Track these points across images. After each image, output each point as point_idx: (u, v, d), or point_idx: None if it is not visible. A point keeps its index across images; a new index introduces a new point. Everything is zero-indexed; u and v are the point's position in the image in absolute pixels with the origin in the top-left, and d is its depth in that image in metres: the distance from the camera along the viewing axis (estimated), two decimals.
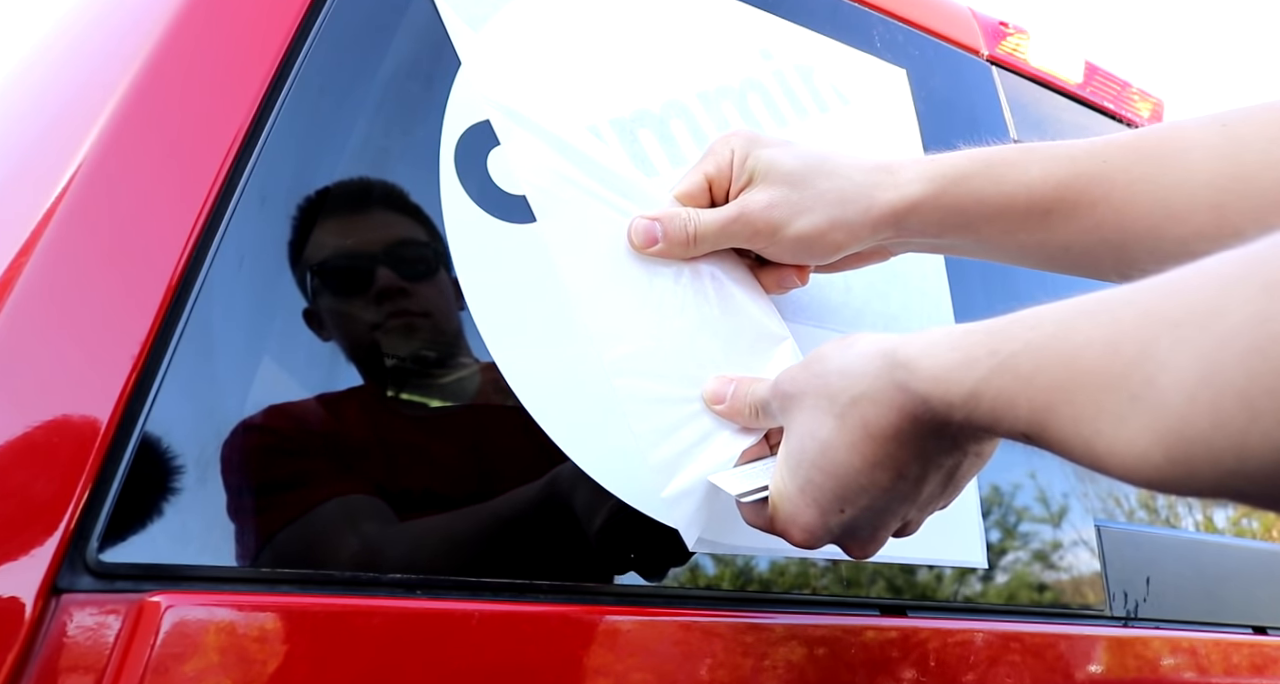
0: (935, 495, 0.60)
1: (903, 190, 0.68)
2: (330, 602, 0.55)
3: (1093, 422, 0.42)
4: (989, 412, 0.48)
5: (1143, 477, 0.41)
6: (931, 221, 0.68)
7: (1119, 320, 0.42)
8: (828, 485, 0.57)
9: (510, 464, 0.66)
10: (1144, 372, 0.40)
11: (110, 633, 0.48)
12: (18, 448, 0.49)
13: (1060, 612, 0.97)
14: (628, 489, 0.66)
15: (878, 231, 0.69)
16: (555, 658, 0.60)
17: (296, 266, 0.62)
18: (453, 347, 0.66)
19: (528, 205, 0.70)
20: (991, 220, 0.67)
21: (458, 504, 0.64)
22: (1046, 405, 0.45)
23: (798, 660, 0.69)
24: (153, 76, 0.60)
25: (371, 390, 0.63)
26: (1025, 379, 0.46)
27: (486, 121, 0.70)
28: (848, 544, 0.62)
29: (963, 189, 0.67)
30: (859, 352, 0.56)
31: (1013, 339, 0.48)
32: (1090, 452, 0.43)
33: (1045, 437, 0.46)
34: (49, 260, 0.53)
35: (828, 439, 0.56)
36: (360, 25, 0.68)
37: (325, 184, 0.64)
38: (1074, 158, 0.65)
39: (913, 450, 0.54)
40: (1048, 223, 0.65)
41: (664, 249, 0.70)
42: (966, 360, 0.50)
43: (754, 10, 0.91)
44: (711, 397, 0.68)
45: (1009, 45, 1.20)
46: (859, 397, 0.55)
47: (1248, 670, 1.06)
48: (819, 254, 0.71)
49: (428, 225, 0.67)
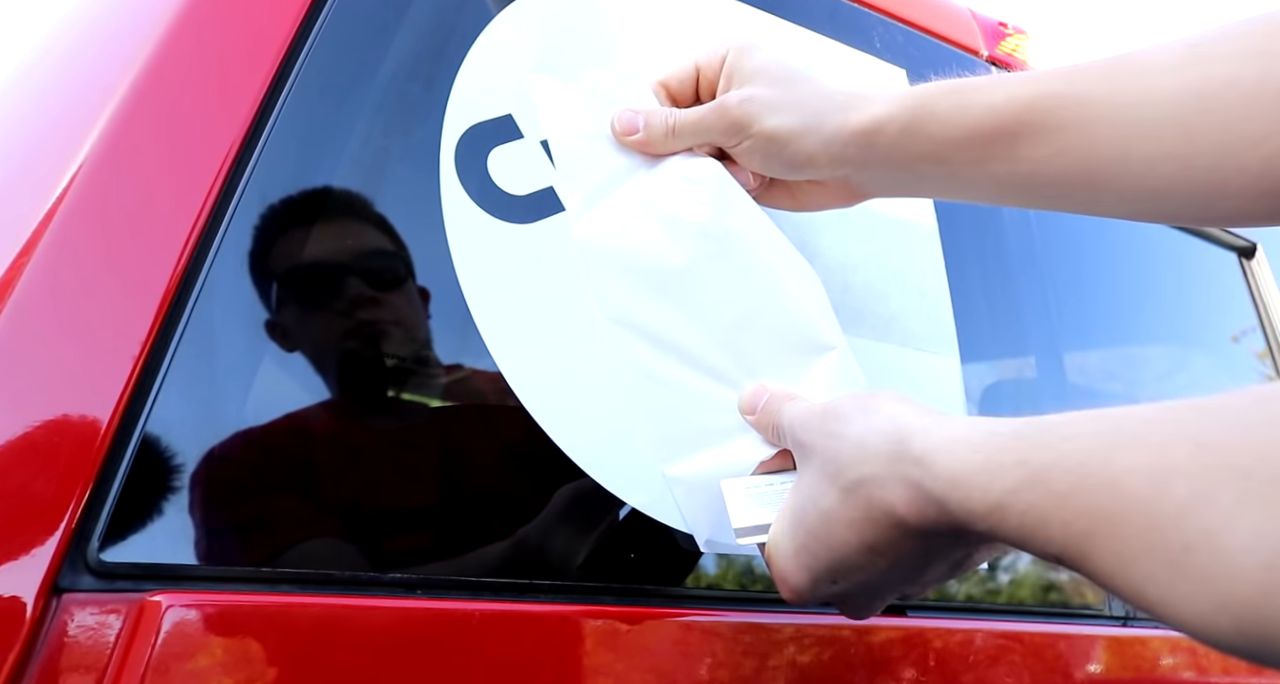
0: (940, 577, 0.58)
1: (874, 109, 0.66)
2: (330, 602, 0.55)
3: (1141, 563, 0.38)
4: (1016, 528, 0.44)
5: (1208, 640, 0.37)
6: (899, 145, 0.66)
7: (1167, 450, 0.38)
8: (822, 556, 0.55)
9: (512, 466, 0.66)
10: (1202, 521, 0.36)
11: (111, 632, 0.48)
12: (18, 448, 0.49)
13: (1060, 611, 0.97)
14: (638, 495, 0.66)
15: (847, 147, 0.67)
16: (555, 658, 0.60)
17: (296, 267, 0.62)
18: (452, 347, 0.66)
19: (528, 206, 0.70)
20: (959, 147, 0.64)
21: (458, 505, 0.64)
22: (1086, 532, 0.41)
23: (798, 660, 0.69)
24: (153, 77, 0.60)
25: (372, 391, 0.63)
26: (1059, 498, 0.42)
27: (486, 122, 0.70)
28: (841, 607, 0.61)
29: (929, 111, 0.65)
30: (875, 425, 0.53)
31: (1045, 448, 0.43)
32: (1142, 597, 0.39)
33: (1086, 566, 0.42)
34: (49, 260, 0.53)
35: (829, 511, 0.54)
36: (360, 25, 0.68)
37: (325, 184, 0.64)
38: (1039, 80, 0.63)
39: (917, 543, 0.51)
40: (1014, 148, 0.63)
41: (643, 138, 0.71)
42: (991, 466, 0.45)
43: (753, 10, 0.91)
44: (745, 405, 0.67)
45: (1008, 46, 1.21)
46: (866, 479, 0.52)
47: (1246, 670, 1.06)
48: (787, 161, 0.69)
49: (428, 226, 0.67)
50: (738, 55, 0.71)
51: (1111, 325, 1.22)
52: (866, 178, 0.69)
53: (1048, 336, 1.07)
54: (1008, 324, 1.04)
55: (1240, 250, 1.50)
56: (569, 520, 0.67)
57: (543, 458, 0.65)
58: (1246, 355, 1.41)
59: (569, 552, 0.67)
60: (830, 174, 0.69)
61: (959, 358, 0.90)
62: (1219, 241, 1.48)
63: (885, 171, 0.68)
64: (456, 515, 0.64)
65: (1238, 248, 1.50)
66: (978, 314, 0.71)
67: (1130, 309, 1.26)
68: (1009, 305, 1.04)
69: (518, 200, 0.69)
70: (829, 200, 0.74)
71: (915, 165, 0.66)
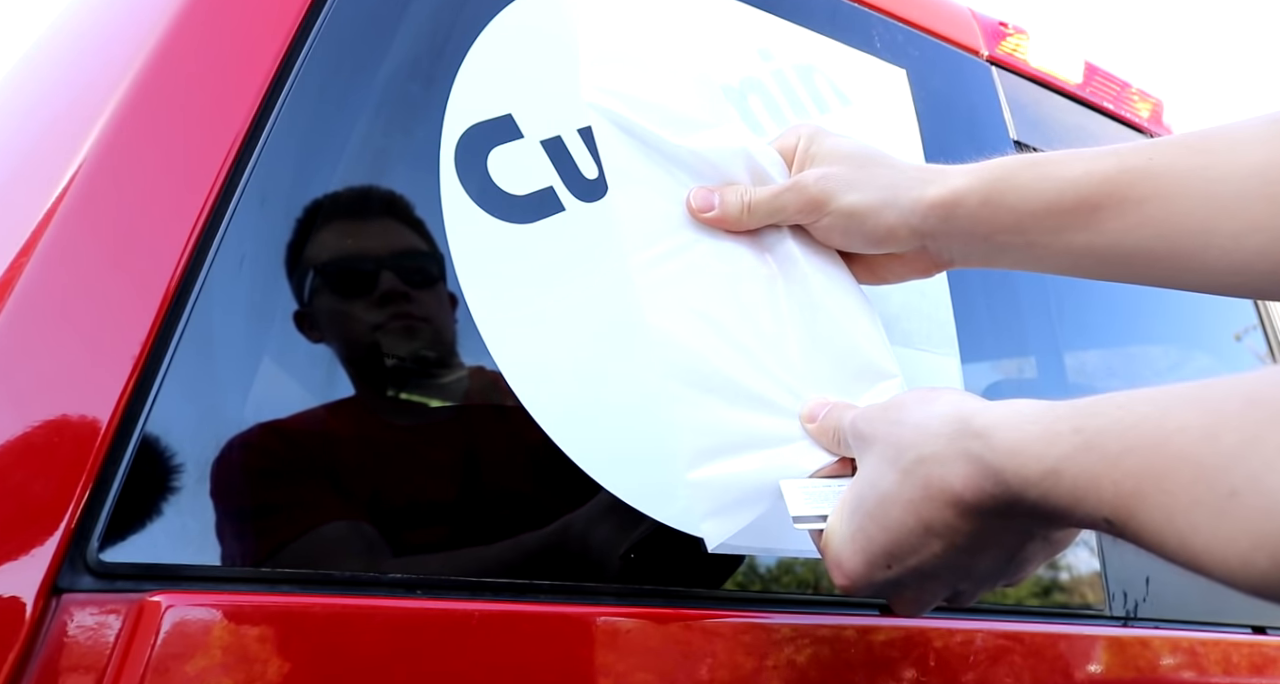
0: (995, 573, 0.58)
1: (951, 182, 0.68)
2: (330, 602, 0.55)
3: (1187, 514, 0.40)
4: (1069, 492, 0.46)
5: (1246, 583, 0.38)
6: (980, 217, 0.67)
7: (1220, 408, 0.40)
8: (879, 539, 0.56)
9: (511, 466, 0.66)
10: (1247, 467, 0.37)
11: (111, 633, 0.48)
12: (18, 448, 0.49)
13: (1060, 612, 0.97)
14: (639, 495, 0.66)
15: (926, 220, 0.68)
16: (555, 658, 0.60)
17: (297, 267, 0.62)
18: (452, 348, 0.66)
19: (528, 205, 0.70)
20: (1039, 218, 0.66)
21: (459, 506, 0.64)
22: (1135, 492, 0.42)
23: (798, 660, 0.69)
24: (153, 77, 0.60)
25: (371, 392, 0.63)
26: (1111, 460, 0.43)
27: (486, 121, 0.70)
28: (891, 599, 0.61)
29: (1009, 184, 0.66)
30: (937, 411, 0.55)
31: (1099, 416, 0.45)
32: (1185, 548, 0.41)
33: (1132, 525, 0.43)
34: (50, 260, 0.53)
35: (887, 493, 0.55)
36: (360, 25, 0.68)
37: (325, 184, 0.64)
38: (1119, 154, 0.64)
39: (972, 524, 0.53)
40: (1096, 220, 0.64)
41: (718, 215, 0.71)
42: (1048, 435, 0.47)
43: (753, 10, 0.91)
44: (807, 414, 0.68)
45: (1009, 46, 1.21)
46: (926, 457, 0.53)
47: (1247, 670, 1.06)
48: (868, 235, 0.70)
49: (428, 226, 0.67)
50: (810, 139, 0.72)
51: (1112, 324, 1.22)
52: (944, 248, 0.71)
53: (1048, 336, 1.07)
54: (1008, 324, 1.04)
55: None
56: (566, 519, 0.67)
57: (542, 457, 0.65)
58: (1248, 354, 1.41)
59: (568, 551, 0.67)
60: (910, 246, 0.71)
61: (959, 358, 0.90)
62: None
63: (964, 242, 0.70)
64: (456, 515, 0.64)
65: None
66: (978, 314, 0.71)
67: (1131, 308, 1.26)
68: (1009, 305, 1.04)
69: (518, 200, 0.69)
70: (908, 272, 0.75)
71: (994, 237, 0.68)
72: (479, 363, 0.66)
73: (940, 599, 0.61)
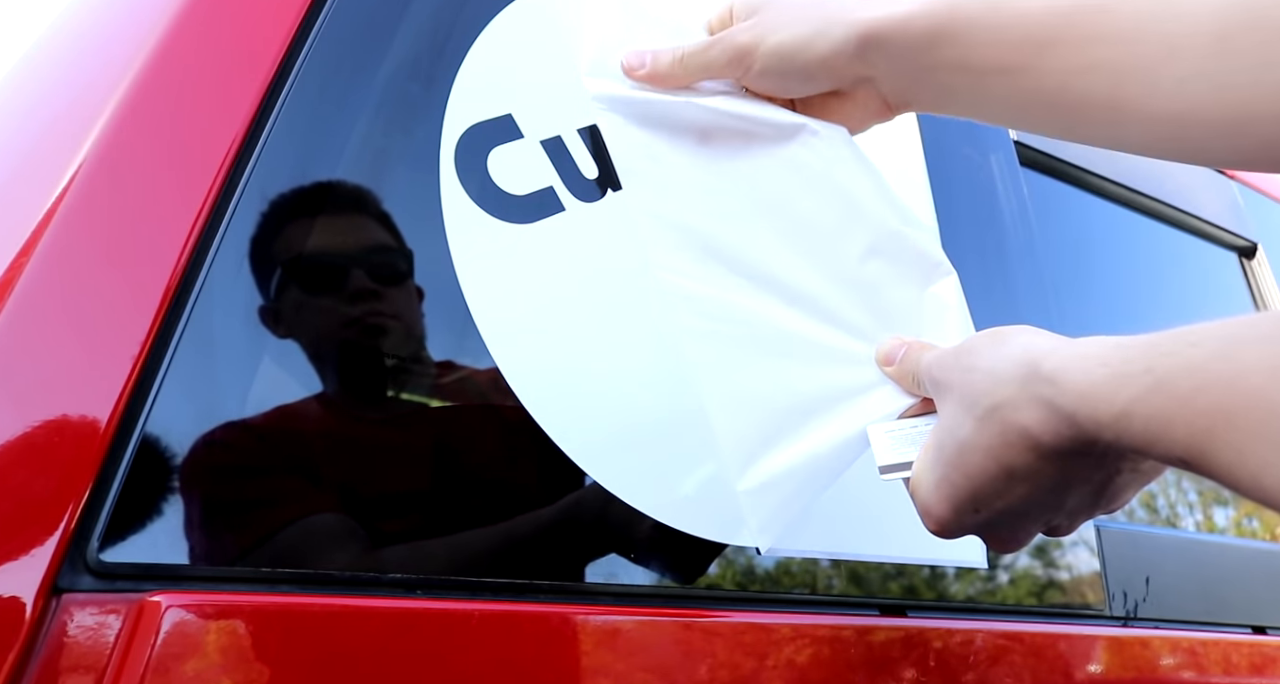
0: (1085, 506, 0.58)
1: (892, 7, 0.64)
2: (330, 602, 0.55)
3: (1258, 452, 0.40)
4: (1141, 433, 0.46)
5: None
6: (923, 46, 0.63)
7: None
8: (963, 485, 0.56)
9: (510, 466, 0.66)
10: None
11: (110, 633, 0.48)
12: (18, 448, 0.49)
13: (1060, 612, 0.97)
14: (641, 496, 0.66)
15: (865, 47, 0.64)
16: (555, 658, 0.60)
17: (296, 267, 0.62)
18: (448, 347, 0.66)
19: (528, 205, 0.70)
20: (986, 54, 0.62)
21: (459, 505, 0.64)
22: (1207, 430, 0.42)
23: (798, 660, 0.69)
24: (153, 76, 0.60)
25: (371, 389, 0.63)
26: (1183, 400, 0.43)
27: (486, 121, 0.70)
28: (987, 538, 0.61)
29: (958, 10, 0.62)
30: (1006, 354, 0.54)
31: (1170, 355, 0.45)
32: (1258, 484, 0.41)
33: (1206, 463, 0.43)
34: (49, 260, 0.53)
35: (966, 440, 0.55)
36: (360, 25, 0.68)
37: (325, 184, 0.64)
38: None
39: (1054, 465, 0.52)
40: (1043, 58, 0.60)
41: (650, 72, 0.69)
42: (1118, 377, 0.47)
43: None
44: (884, 356, 0.67)
45: None
46: (1000, 403, 0.53)
47: (1247, 670, 1.06)
48: (800, 71, 0.66)
49: (428, 226, 0.67)
50: None
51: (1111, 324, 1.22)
52: (892, 87, 0.67)
53: None
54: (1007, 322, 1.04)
55: (1240, 250, 1.50)
56: (565, 519, 0.67)
57: (542, 457, 0.65)
58: None
59: (566, 551, 0.67)
60: (850, 80, 0.67)
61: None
62: (1219, 241, 1.48)
63: (910, 78, 0.65)
64: (455, 516, 0.64)
65: (1238, 247, 1.50)
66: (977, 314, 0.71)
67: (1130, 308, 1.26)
68: (1009, 305, 1.04)
69: (518, 200, 0.69)
70: (863, 115, 0.71)
71: (939, 73, 0.64)
72: (479, 362, 0.66)
73: (1035, 535, 0.60)
